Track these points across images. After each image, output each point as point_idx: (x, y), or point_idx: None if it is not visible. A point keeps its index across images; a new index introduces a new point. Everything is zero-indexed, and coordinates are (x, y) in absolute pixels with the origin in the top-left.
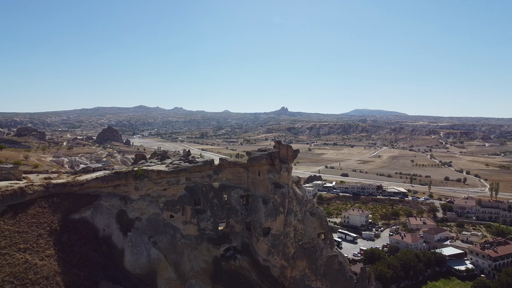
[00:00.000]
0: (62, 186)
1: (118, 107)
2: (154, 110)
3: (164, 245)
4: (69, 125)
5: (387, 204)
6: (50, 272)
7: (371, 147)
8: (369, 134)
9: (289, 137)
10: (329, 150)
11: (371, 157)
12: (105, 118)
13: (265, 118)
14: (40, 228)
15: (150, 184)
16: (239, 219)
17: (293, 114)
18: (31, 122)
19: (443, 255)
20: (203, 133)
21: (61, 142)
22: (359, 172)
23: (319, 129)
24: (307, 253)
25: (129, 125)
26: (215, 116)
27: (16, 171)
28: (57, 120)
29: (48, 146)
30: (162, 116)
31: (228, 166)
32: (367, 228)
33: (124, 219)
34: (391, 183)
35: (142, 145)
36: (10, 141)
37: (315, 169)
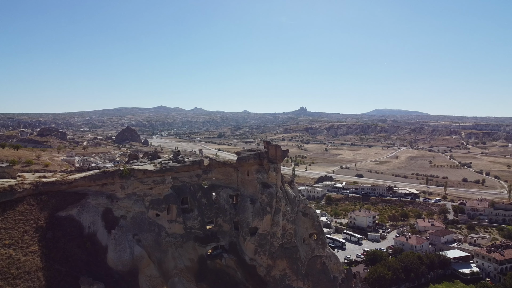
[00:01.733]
0: (51, 184)
1: (139, 108)
2: (174, 110)
3: (148, 243)
4: (91, 125)
5: (397, 205)
6: (32, 267)
7: (389, 147)
8: (388, 134)
9: (307, 137)
10: (346, 151)
11: (389, 157)
12: (126, 119)
13: (284, 118)
14: (26, 225)
15: (136, 183)
16: (228, 218)
17: (312, 114)
18: (54, 123)
19: (447, 257)
20: (221, 133)
21: (81, 142)
22: (375, 173)
23: (337, 129)
24: (287, 253)
25: (149, 125)
26: (234, 116)
27: (10, 169)
28: (79, 120)
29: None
30: (181, 116)
31: (217, 166)
32: (374, 230)
33: (110, 217)
34: (406, 184)
35: (160, 145)
36: (32, 141)
37: (329, 169)
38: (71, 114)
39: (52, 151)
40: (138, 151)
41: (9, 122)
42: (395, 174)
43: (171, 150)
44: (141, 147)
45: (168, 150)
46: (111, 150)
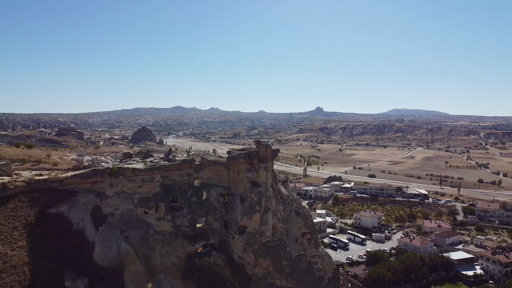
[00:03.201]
0: (43, 182)
1: (156, 108)
2: (191, 110)
3: (136, 240)
4: (109, 125)
5: (405, 206)
6: (19, 262)
7: (405, 147)
8: (404, 134)
9: (321, 137)
10: (360, 151)
11: (404, 158)
12: (143, 119)
13: (299, 118)
14: (16, 221)
15: (124, 181)
16: (218, 217)
17: (328, 114)
18: (73, 123)
19: (451, 259)
20: (236, 133)
21: (98, 141)
22: (388, 173)
23: (352, 129)
24: (271, 252)
25: (165, 125)
26: (250, 116)
27: (7, 167)
28: (98, 120)
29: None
30: (198, 116)
31: (208, 165)
32: (379, 230)
33: (98, 214)
34: (419, 185)
35: (175, 145)
36: (51, 141)
37: (342, 169)
38: (90, 114)
39: (64, 150)
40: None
41: (30, 122)
42: (409, 174)
43: (185, 149)
44: (155, 147)
45: (183, 150)
46: (123, 149)
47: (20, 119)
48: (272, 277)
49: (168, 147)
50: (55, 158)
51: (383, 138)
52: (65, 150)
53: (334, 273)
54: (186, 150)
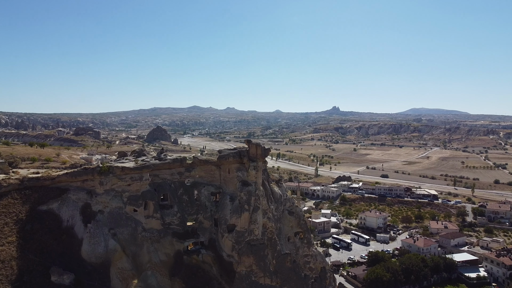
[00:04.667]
0: (36, 180)
1: (173, 108)
2: (207, 110)
3: (124, 237)
4: (127, 125)
5: (413, 207)
6: (7, 256)
7: (421, 147)
8: (421, 134)
9: (336, 137)
10: (375, 151)
11: (419, 158)
12: (160, 118)
13: (315, 118)
14: (7, 217)
15: (114, 179)
16: (208, 215)
17: (344, 114)
18: (92, 122)
19: (453, 260)
20: (251, 133)
21: (114, 141)
22: (401, 174)
23: (368, 129)
24: (254, 250)
25: (181, 125)
26: (266, 116)
27: (3, 166)
28: (116, 120)
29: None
30: (214, 116)
31: (200, 164)
32: (384, 231)
33: (88, 211)
34: (432, 186)
35: (189, 144)
36: (68, 140)
37: (355, 169)
38: (108, 114)
39: (76, 149)
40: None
41: (50, 122)
42: (423, 175)
43: (199, 149)
44: (170, 146)
45: (197, 149)
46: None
47: (41, 119)
48: (255, 275)
49: (183, 146)
50: (65, 157)
51: (399, 138)
52: (77, 149)
53: (321, 272)
54: (200, 150)
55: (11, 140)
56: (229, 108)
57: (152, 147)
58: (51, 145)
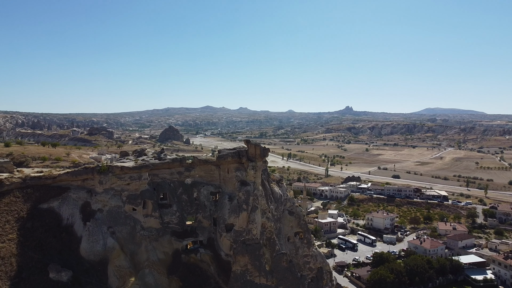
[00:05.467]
0: (38, 178)
1: (187, 108)
2: (220, 110)
3: (123, 236)
4: (140, 125)
5: (423, 208)
6: (7, 253)
7: (435, 148)
8: (435, 134)
9: (348, 137)
10: (387, 151)
11: (432, 158)
12: (173, 118)
13: (328, 118)
14: (9, 215)
15: (114, 178)
16: (207, 214)
17: (357, 114)
18: (106, 122)
19: (460, 262)
20: (263, 132)
21: (127, 140)
22: (413, 174)
23: (381, 129)
24: (249, 250)
25: (194, 124)
26: (279, 116)
27: (8, 164)
28: (130, 120)
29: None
30: (226, 116)
31: (199, 164)
32: (391, 232)
33: (87, 210)
34: (444, 187)
35: (201, 144)
36: (82, 140)
37: (366, 170)
38: (122, 114)
39: (87, 149)
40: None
41: (65, 122)
42: (435, 175)
43: (211, 149)
44: (182, 146)
45: (208, 149)
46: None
47: (56, 119)
48: (250, 275)
49: (195, 146)
50: (74, 157)
51: (412, 138)
52: (88, 149)
53: (317, 272)
54: (212, 150)
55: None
56: (242, 108)
57: (164, 146)
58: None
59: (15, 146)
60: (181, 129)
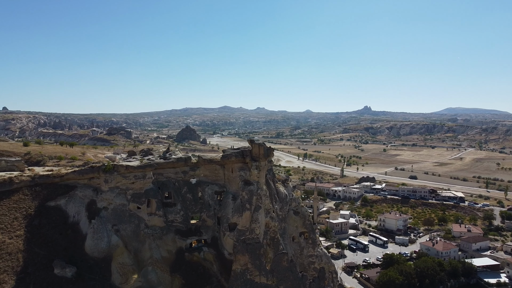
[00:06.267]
0: (46, 177)
1: (204, 108)
2: (237, 110)
3: (127, 233)
4: (159, 125)
5: (438, 209)
6: (14, 249)
7: (455, 148)
8: (455, 134)
9: (366, 137)
10: (405, 151)
11: (452, 159)
12: (191, 118)
13: (346, 118)
14: (17, 212)
15: (118, 177)
16: (212, 214)
17: (376, 114)
18: (125, 122)
19: (473, 265)
20: (279, 132)
21: (145, 140)
22: (431, 175)
23: (399, 129)
24: (249, 249)
25: (212, 125)
26: (296, 116)
27: (19, 163)
28: (149, 120)
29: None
30: (244, 116)
31: (204, 164)
32: (404, 233)
33: (93, 208)
34: (463, 188)
35: (218, 144)
36: (101, 139)
37: (382, 170)
38: (141, 114)
39: (103, 148)
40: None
41: (86, 122)
42: (454, 176)
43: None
44: (199, 146)
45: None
46: (160, 148)
47: (77, 119)
48: (250, 274)
49: (211, 146)
50: (90, 156)
51: (432, 139)
52: (104, 148)
53: (319, 273)
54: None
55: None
56: (259, 108)
57: (181, 146)
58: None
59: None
60: (198, 129)
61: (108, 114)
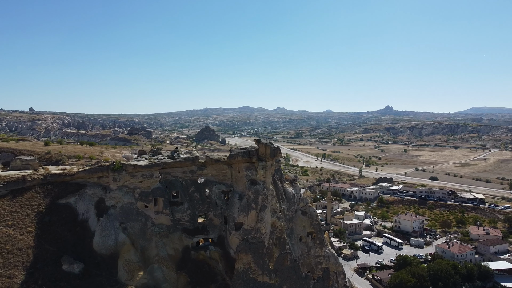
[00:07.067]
0: (57, 175)
1: (225, 108)
2: (257, 110)
3: (134, 231)
4: (179, 125)
5: (457, 211)
6: (25, 245)
7: (479, 149)
8: (480, 134)
9: (387, 138)
10: (427, 152)
11: (475, 160)
12: (212, 119)
13: (367, 118)
14: (29, 210)
15: (127, 176)
16: (218, 213)
17: (398, 114)
18: (147, 123)
19: (489, 268)
20: (299, 133)
21: (165, 140)
22: (453, 176)
23: (421, 129)
24: (252, 248)
25: (231, 125)
26: (316, 116)
27: (34, 162)
28: (169, 120)
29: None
30: (264, 116)
31: (211, 163)
32: (420, 235)
33: (102, 206)
34: (485, 189)
35: (237, 144)
36: (122, 139)
37: (402, 171)
38: (162, 114)
39: (122, 148)
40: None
41: (108, 122)
42: (477, 178)
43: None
44: (218, 146)
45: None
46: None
47: (100, 119)
48: (253, 273)
49: (230, 146)
50: (107, 155)
51: (455, 139)
52: (123, 148)
53: (324, 273)
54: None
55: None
56: (279, 108)
57: (200, 146)
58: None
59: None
60: (218, 129)
61: (131, 114)
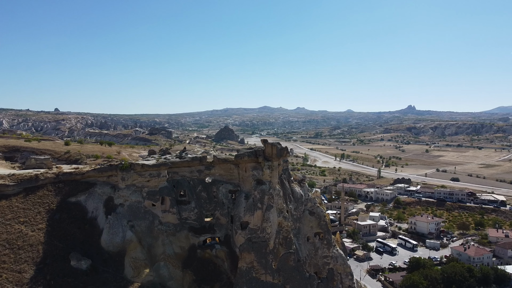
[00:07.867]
0: (69, 174)
1: (245, 108)
2: (277, 110)
3: (141, 229)
4: (199, 125)
5: (476, 213)
6: (35, 241)
7: (504, 149)
8: (506, 134)
9: (408, 138)
10: (450, 152)
11: (499, 161)
12: (231, 119)
13: (388, 118)
14: (41, 207)
15: (135, 175)
16: (225, 212)
17: (420, 113)
18: (168, 123)
19: (506, 272)
20: (318, 132)
21: (185, 140)
22: (475, 177)
23: (444, 129)
24: (255, 247)
25: (251, 125)
26: (336, 115)
27: (47, 161)
28: (190, 120)
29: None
30: (283, 116)
31: (219, 163)
32: (436, 237)
33: (110, 204)
34: (509, 191)
35: (255, 144)
36: (143, 139)
37: (422, 171)
38: (183, 114)
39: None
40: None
41: (130, 122)
42: (501, 179)
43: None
44: (236, 146)
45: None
46: (195, 148)
47: (122, 119)
48: (256, 272)
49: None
50: (124, 155)
51: (479, 139)
52: (141, 148)
53: (328, 273)
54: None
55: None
56: (299, 108)
57: (219, 146)
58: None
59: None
60: (238, 129)
61: (152, 114)
